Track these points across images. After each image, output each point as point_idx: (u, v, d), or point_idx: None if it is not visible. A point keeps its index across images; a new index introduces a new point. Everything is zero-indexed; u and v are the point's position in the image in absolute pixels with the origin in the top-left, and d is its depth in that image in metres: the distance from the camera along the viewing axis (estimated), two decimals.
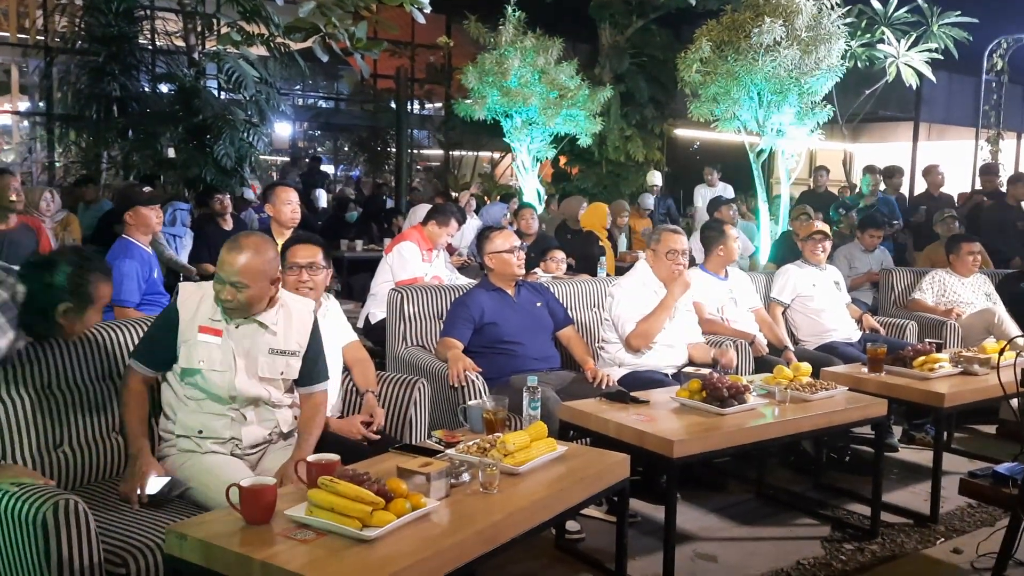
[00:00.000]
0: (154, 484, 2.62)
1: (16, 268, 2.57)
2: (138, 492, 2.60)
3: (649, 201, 9.88)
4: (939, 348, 4.39)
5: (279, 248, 4.17)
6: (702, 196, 10.18)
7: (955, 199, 8.78)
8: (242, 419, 2.80)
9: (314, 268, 3.33)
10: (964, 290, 5.85)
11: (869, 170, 8.70)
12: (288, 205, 4.59)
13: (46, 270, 2.56)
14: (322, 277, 3.37)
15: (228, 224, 6.92)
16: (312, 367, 2.94)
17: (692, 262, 4.89)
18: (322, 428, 2.95)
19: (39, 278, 2.54)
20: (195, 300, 2.82)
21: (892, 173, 8.92)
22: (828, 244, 5.34)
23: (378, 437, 3.19)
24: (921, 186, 11.01)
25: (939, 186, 8.58)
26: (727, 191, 10.13)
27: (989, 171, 8.76)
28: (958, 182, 11.42)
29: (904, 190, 9.90)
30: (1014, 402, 4.11)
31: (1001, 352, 3.76)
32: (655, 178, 10.73)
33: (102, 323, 3.06)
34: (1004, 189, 8.13)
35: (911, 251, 8.20)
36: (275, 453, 2.85)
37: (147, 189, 5.88)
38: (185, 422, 2.79)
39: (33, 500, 2.21)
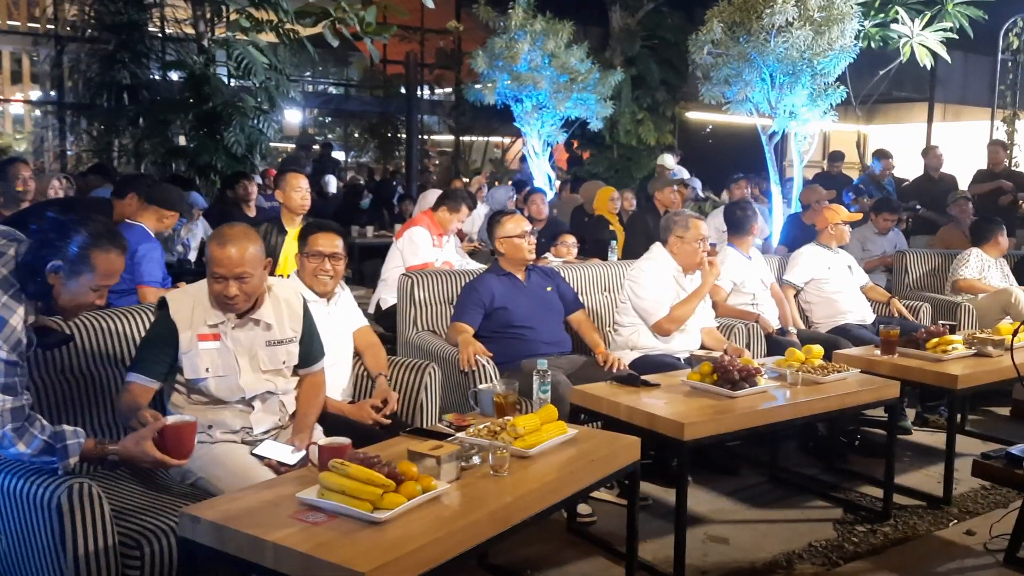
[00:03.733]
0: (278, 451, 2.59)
1: (21, 235, 2.41)
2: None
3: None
4: (953, 330, 4.36)
5: (293, 235, 4.20)
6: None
7: (957, 180, 8.67)
8: (250, 409, 2.81)
9: (336, 257, 3.35)
10: (994, 271, 5.82)
11: (880, 154, 8.60)
12: (298, 191, 4.58)
13: (55, 228, 2.35)
14: (342, 266, 3.41)
15: (252, 211, 6.89)
16: (309, 348, 2.95)
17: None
18: (322, 406, 2.98)
19: (44, 233, 2.34)
20: (187, 309, 2.73)
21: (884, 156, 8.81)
22: (849, 229, 5.37)
23: (389, 422, 3.21)
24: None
25: (938, 168, 8.46)
26: (683, 175, 9.89)
27: (996, 145, 8.64)
28: (975, 162, 11.30)
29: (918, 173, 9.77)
30: None
31: (1015, 333, 3.73)
32: (667, 160, 10.62)
33: (115, 309, 3.08)
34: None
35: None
36: (285, 436, 2.86)
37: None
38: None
39: (48, 484, 2.23)
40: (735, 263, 4.92)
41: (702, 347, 4.31)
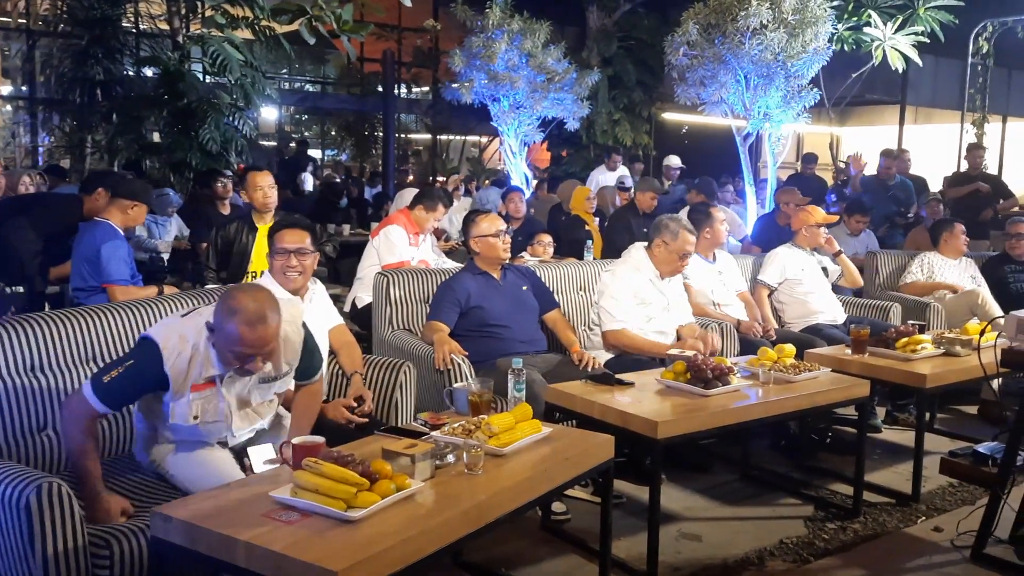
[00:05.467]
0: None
1: None
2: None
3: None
4: (922, 330, 4.42)
5: (264, 233, 4.18)
6: (597, 181, 9.97)
7: (927, 182, 8.75)
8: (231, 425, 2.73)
9: (302, 253, 3.32)
10: (951, 272, 5.88)
11: (886, 154, 8.54)
12: (259, 190, 4.54)
13: None
14: (310, 262, 3.36)
15: (226, 208, 6.83)
16: (308, 367, 2.85)
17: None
18: (317, 414, 2.93)
19: None
20: (184, 362, 2.55)
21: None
22: (825, 232, 5.41)
23: (366, 420, 3.20)
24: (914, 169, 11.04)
25: (907, 171, 8.48)
26: (627, 177, 9.84)
27: (975, 148, 8.71)
28: (945, 165, 11.45)
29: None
30: (995, 382, 4.16)
31: (982, 333, 3.80)
32: (672, 161, 10.55)
33: (84, 308, 3.05)
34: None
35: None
36: (263, 438, 2.83)
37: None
38: (170, 437, 2.69)
39: (17, 483, 2.21)
40: (693, 265, 4.92)
41: (678, 337, 4.34)
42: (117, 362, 2.59)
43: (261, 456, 2.62)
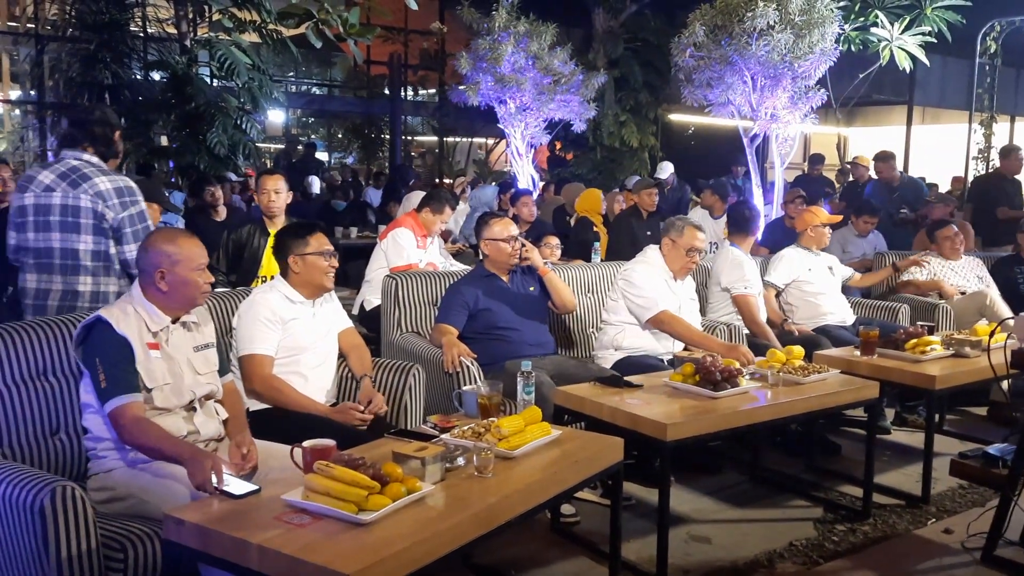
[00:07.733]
0: (239, 485, 2.38)
1: None
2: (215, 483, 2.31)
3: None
4: (931, 331, 4.41)
5: (271, 236, 4.19)
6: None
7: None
8: (193, 412, 2.75)
9: (334, 254, 3.40)
10: (953, 274, 5.87)
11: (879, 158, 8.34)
12: (264, 193, 4.54)
13: None
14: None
15: (220, 215, 6.81)
16: (223, 356, 2.99)
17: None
18: (244, 408, 3.04)
19: None
20: (128, 322, 2.65)
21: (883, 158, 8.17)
22: (829, 232, 5.41)
23: (372, 417, 3.20)
24: (914, 170, 11.02)
25: (1015, 171, 7.72)
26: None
27: (1009, 152, 7.88)
28: (951, 166, 11.42)
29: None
30: (1004, 383, 4.15)
31: (992, 334, 3.79)
32: (664, 170, 10.58)
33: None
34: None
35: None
36: (224, 449, 2.80)
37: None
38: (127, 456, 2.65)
39: (31, 486, 2.22)
40: (749, 263, 4.97)
41: (685, 348, 4.34)
42: (91, 368, 2.62)
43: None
